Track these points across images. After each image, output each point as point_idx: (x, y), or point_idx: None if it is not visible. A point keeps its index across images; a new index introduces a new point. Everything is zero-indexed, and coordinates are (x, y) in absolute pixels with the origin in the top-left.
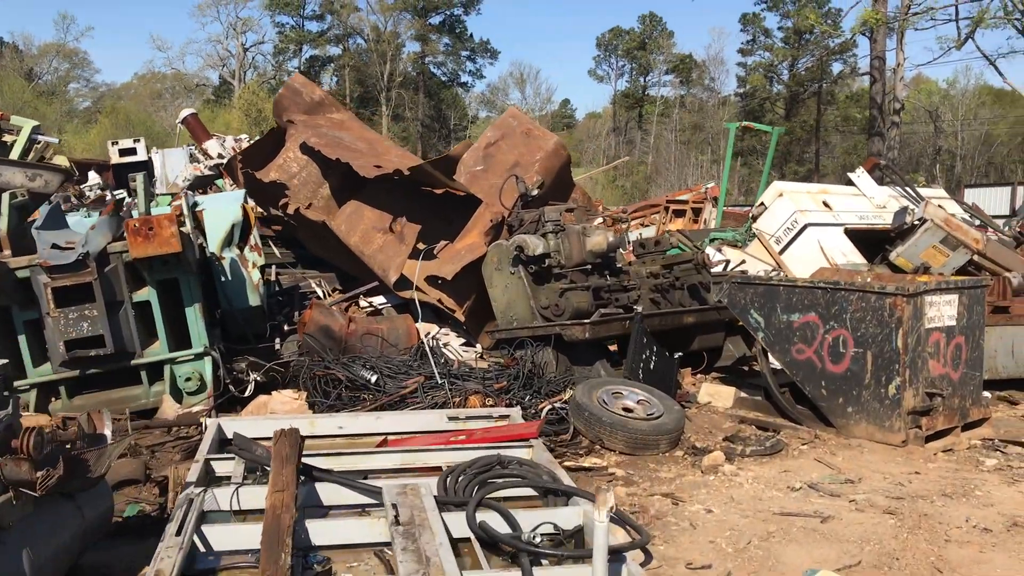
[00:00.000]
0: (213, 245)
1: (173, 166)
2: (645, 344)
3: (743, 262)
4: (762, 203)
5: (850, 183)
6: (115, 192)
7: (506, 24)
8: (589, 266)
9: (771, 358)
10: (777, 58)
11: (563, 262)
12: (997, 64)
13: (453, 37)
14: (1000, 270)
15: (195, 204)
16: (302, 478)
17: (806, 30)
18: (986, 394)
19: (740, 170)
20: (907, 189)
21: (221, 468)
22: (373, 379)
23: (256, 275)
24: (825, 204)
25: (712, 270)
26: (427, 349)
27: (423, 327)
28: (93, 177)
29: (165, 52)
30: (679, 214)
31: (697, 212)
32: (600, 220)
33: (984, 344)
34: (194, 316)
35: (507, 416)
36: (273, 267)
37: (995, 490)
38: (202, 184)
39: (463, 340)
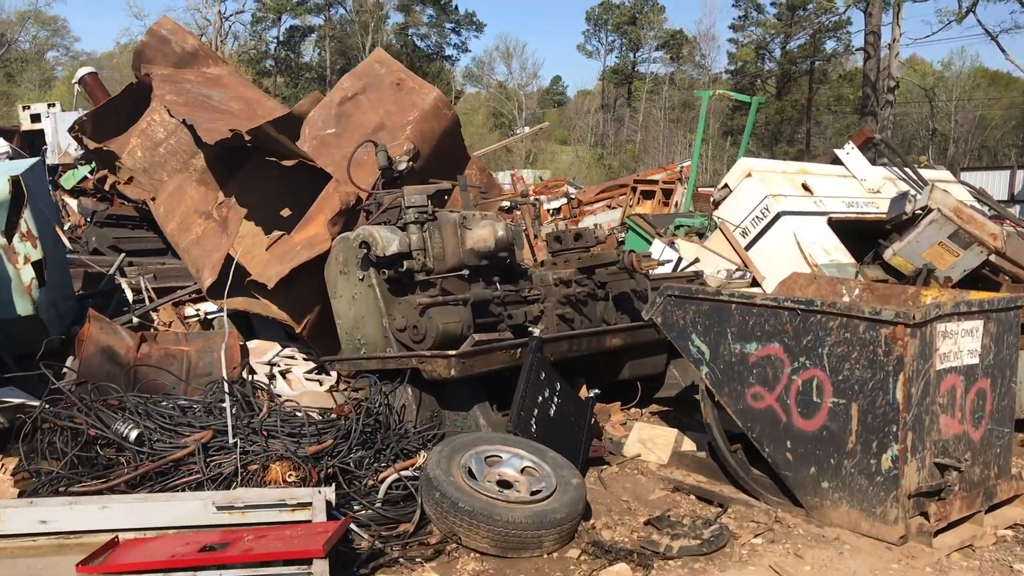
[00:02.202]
0: None
1: (67, 132)
2: (543, 382)
3: (696, 261)
4: (726, 185)
5: (837, 161)
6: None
7: None
8: (466, 271)
9: (719, 402)
10: (768, 31)
11: (431, 265)
12: (999, 39)
13: (438, 8)
14: (1022, 273)
15: None
16: None
17: (800, 5)
18: None
19: (729, 150)
20: (907, 170)
21: None
22: (133, 436)
23: (28, 274)
24: (805, 187)
25: (654, 271)
26: (226, 386)
27: (259, 347)
28: (0, 144)
29: (142, 20)
30: (648, 195)
31: (668, 194)
32: (521, 205)
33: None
34: None
35: (308, 504)
36: (122, 255)
37: None
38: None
39: (314, 366)
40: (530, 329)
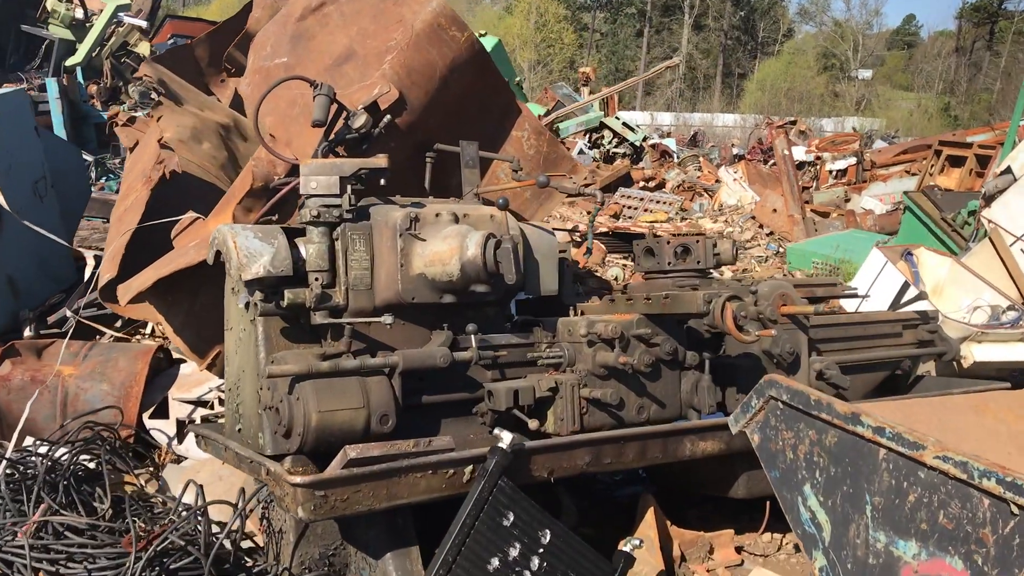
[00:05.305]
0: None
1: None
2: (507, 531)
3: (919, 296)
4: (1007, 169)
5: None
6: None
7: None
8: (389, 318)
9: None
10: None
11: (341, 299)
12: None
13: None
14: None
15: None
16: None
17: None
18: None
19: None
20: None
21: None
22: None
23: None
24: None
25: (821, 309)
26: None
27: (197, 372)
28: None
29: None
30: (957, 163)
31: (985, 162)
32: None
33: None
34: None
35: None
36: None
37: None
38: None
39: None
40: (496, 431)
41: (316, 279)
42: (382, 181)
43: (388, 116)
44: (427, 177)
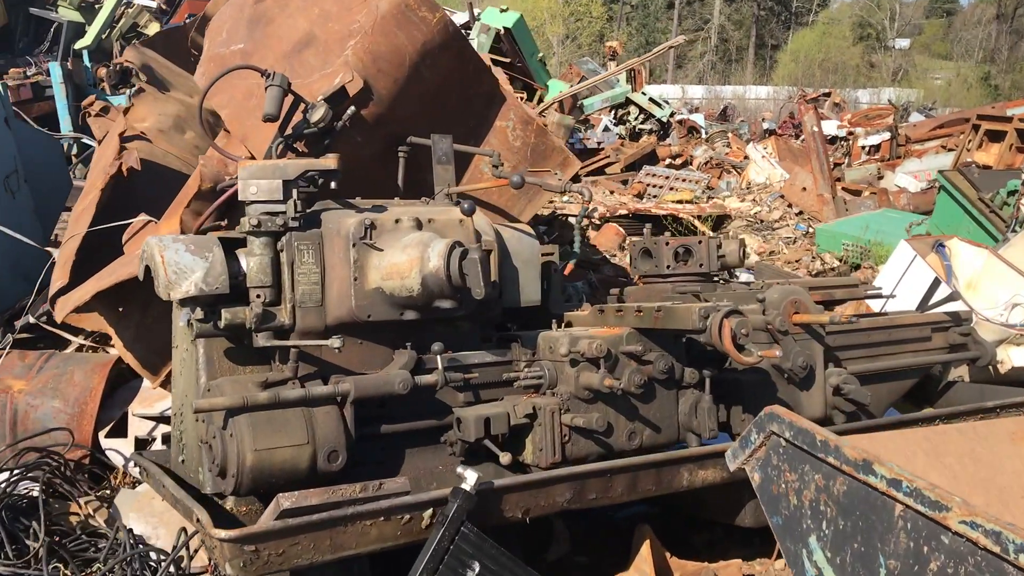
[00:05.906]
0: None
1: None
2: None
3: (950, 297)
4: None
5: None
6: None
7: None
8: (336, 342)
9: None
10: None
11: (286, 319)
12: None
13: None
14: None
15: None
16: None
17: None
18: None
19: None
20: None
21: None
22: None
23: None
24: None
25: (839, 319)
26: None
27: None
28: None
29: None
30: (997, 137)
31: None
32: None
33: None
34: None
35: None
36: None
37: None
38: None
39: None
40: (460, 470)
41: (258, 296)
42: (332, 184)
43: (352, 108)
44: (400, 174)
